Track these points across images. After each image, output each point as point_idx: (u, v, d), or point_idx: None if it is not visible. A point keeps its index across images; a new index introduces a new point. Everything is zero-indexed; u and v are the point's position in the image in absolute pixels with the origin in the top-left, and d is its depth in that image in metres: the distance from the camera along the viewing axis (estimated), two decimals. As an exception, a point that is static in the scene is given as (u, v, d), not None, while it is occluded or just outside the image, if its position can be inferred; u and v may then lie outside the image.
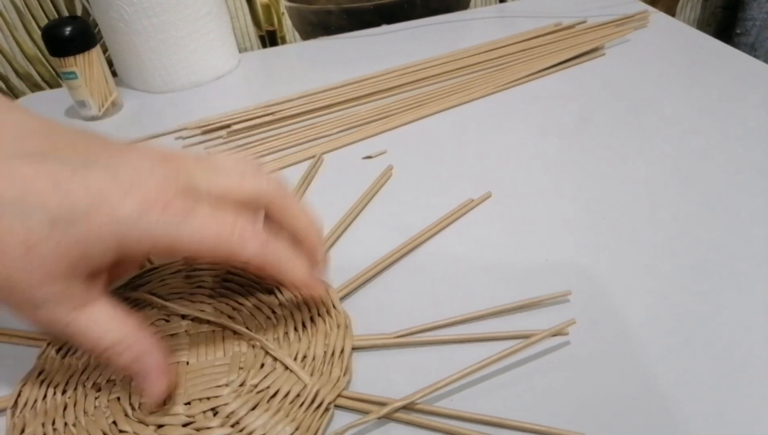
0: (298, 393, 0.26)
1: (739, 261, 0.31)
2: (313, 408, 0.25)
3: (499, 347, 0.26)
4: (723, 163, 0.38)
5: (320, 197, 0.39)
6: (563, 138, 0.42)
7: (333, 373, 0.26)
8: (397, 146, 0.44)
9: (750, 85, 0.47)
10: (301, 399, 0.25)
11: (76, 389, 0.27)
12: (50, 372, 0.28)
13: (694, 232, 0.33)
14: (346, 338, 0.28)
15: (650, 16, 0.59)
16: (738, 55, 0.51)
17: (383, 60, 0.56)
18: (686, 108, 0.45)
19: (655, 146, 0.41)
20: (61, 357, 0.28)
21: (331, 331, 0.28)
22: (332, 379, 0.26)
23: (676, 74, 0.49)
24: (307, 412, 0.25)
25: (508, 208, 0.36)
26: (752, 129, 0.41)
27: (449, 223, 0.35)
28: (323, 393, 0.26)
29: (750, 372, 0.25)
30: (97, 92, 0.51)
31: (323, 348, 0.27)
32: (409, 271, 0.32)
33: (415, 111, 0.47)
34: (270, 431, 0.24)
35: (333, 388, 0.26)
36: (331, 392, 0.26)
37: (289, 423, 0.25)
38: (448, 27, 0.63)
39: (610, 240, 0.33)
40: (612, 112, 0.45)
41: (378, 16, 0.72)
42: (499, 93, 0.49)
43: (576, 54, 0.53)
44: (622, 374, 0.26)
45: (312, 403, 0.25)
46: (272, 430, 0.24)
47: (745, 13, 1.23)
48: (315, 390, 0.26)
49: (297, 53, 0.63)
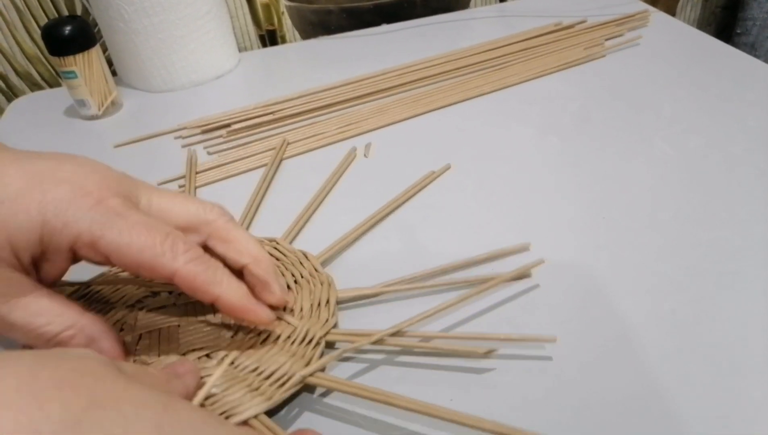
0: (289, 335, 0.27)
1: (738, 260, 0.31)
2: (305, 343, 0.26)
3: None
4: (723, 163, 0.38)
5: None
6: (563, 137, 0.42)
7: (321, 316, 0.28)
8: (397, 144, 0.44)
9: (750, 85, 0.47)
10: (292, 338, 0.27)
11: None
12: None
13: (694, 232, 0.33)
14: (330, 291, 0.29)
15: (650, 16, 0.59)
16: (738, 55, 0.51)
17: (383, 59, 0.56)
18: (686, 107, 0.45)
19: (654, 146, 0.41)
20: None
21: (315, 288, 0.30)
22: (321, 320, 0.28)
23: (676, 74, 0.49)
24: (299, 346, 0.26)
25: (508, 207, 0.36)
26: (752, 128, 0.41)
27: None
28: (313, 330, 0.27)
29: (750, 372, 0.25)
30: (97, 91, 0.51)
31: (309, 301, 0.29)
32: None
33: (415, 110, 0.47)
34: (264, 363, 0.26)
35: (322, 327, 0.27)
36: (321, 329, 0.27)
37: (283, 355, 0.26)
38: (448, 27, 0.63)
39: (609, 240, 0.33)
40: (612, 111, 0.45)
41: (378, 16, 0.72)
42: (498, 92, 0.49)
43: (576, 54, 0.53)
44: (621, 375, 0.26)
45: (303, 340, 0.27)
46: (267, 362, 0.26)
47: (745, 13, 1.23)
48: (305, 329, 0.27)
49: (297, 53, 0.63)
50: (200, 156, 0.45)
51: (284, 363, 0.25)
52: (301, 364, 0.25)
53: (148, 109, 0.53)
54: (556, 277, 0.31)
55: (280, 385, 0.25)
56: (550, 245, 0.33)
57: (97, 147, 0.48)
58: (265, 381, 0.25)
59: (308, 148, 0.44)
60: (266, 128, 0.48)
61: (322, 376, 0.25)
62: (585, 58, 0.52)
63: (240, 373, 0.25)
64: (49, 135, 0.51)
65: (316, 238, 0.35)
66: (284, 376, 0.25)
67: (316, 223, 0.36)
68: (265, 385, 0.25)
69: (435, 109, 0.47)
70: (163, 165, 0.44)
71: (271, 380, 0.25)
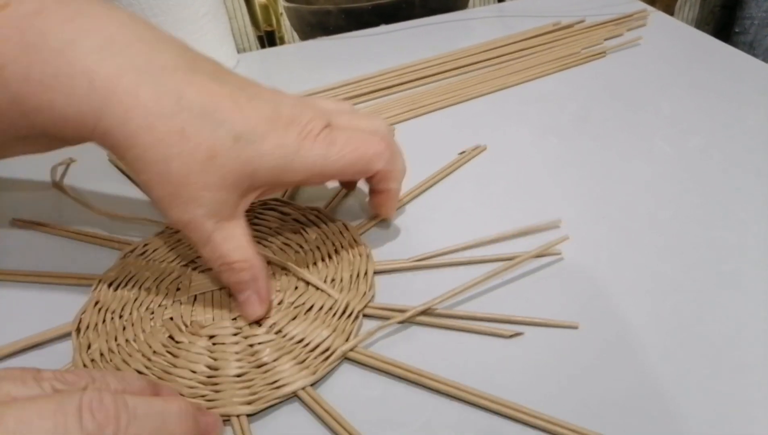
0: (330, 306, 0.29)
1: (738, 260, 0.31)
2: (345, 317, 0.29)
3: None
4: (722, 162, 0.38)
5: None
6: (562, 137, 0.42)
7: (360, 289, 0.30)
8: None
9: (749, 84, 0.47)
10: (333, 311, 0.29)
11: (132, 314, 0.30)
12: (105, 302, 0.30)
13: (694, 232, 0.33)
14: (368, 263, 0.31)
15: (649, 15, 0.59)
16: (736, 54, 0.51)
17: (382, 60, 0.55)
18: (685, 107, 0.45)
19: (653, 145, 0.41)
20: (114, 289, 0.31)
21: (354, 259, 0.32)
22: (359, 293, 0.30)
23: (674, 73, 0.49)
24: (339, 320, 0.28)
25: (506, 208, 0.36)
26: (751, 127, 0.41)
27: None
28: (353, 304, 0.29)
29: (750, 372, 0.25)
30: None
31: (349, 272, 0.31)
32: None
33: (414, 110, 0.47)
34: (309, 335, 0.28)
35: (360, 300, 0.29)
36: (359, 303, 0.29)
37: (326, 328, 0.28)
38: (446, 27, 0.63)
39: (609, 240, 0.33)
40: (611, 111, 0.45)
41: (377, 16, 0.72)
42: (497, 93, 0.49)
43: (575, 54, 0.53)
44: (621, 375, 0.26)
45: (343, 313, 0.29)
46: (311, 334, 0.28)
47: (743, 12, 1.24)
48: (345, 302, 0.29)
49: (295, 54, 0.63)
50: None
51: (327, 337, 0.28)
52: (341, 339, 0.28)
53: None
54: (556, 275, 0.31)
55: (324, 359, 0.27)
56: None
57: (95, 151, 0.48)
58: (310, 354, 0.27)
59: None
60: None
61: (360, 351, 0.27)
62: (584, 58, 0.52)
63: (287, 343, 0.28)
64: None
65: (355, 211, 0.37)
66: (327, 350, 0.27)
67: (354, 197, 0.38)
68: (309, 358, 0.27)
69: (434, 109, 0.47)
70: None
71: (315, 353, 0.27)
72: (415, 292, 0.30)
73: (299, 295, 0.30)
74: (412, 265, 0.32)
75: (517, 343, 0.28)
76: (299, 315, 0.29)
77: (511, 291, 0.30)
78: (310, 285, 0.30)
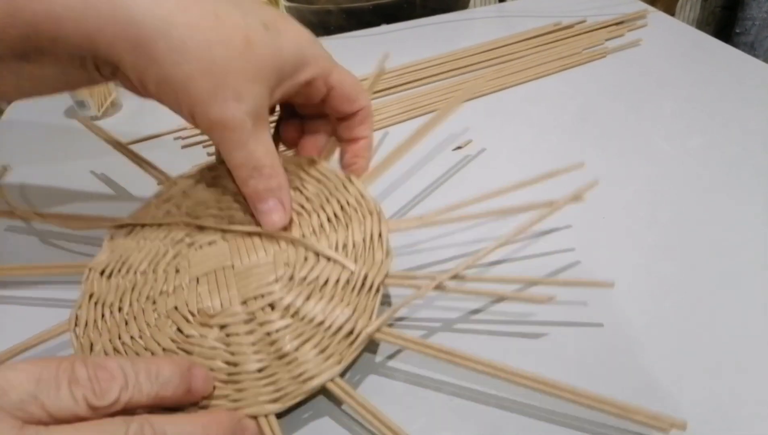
0: (347, 279, 0.26)
1: (738, 260, 0.31)
2: (365, 291, 0.26)
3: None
4: (722, 163, 0.38)
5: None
6: (562, 138, 0.42)
7: (376, 257, 0.27)
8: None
9: (749, 85, 0.47)
10: (351, 284, 0.26)
11: (132, 305, 0.27)
12: (100, 294, 0.28)
13: (694, 232, 0.33)
14: (381, 223, 0.28)
15: (649, 16, 0.59)
16: (737, 55, 0.51)
17: (383, 60, 0.55)
18: (685, 107, 0.45)
19: (654, 145, 0.41)
20: (107, 278, 0.28)
21: (365, 219, 0.28)
22: (376, 262, 0.26)
23: (675, 74, 0.49)
24: (360, 295, 0.25)
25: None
26: (751, 128, 0.41)
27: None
28: (371, 276, 0.26)
29: (750, 372, 0.25)
30: (97, 92, 0.51)
31: (361, 235, 0.27)
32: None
33: (414, 110, 0.47)
34: (329, 316, 0.25)
35: (379, 270, 0.26)
36: (378, 274, 0.26)
37: (346, 306, 0.25)
38: (447, 27, 0.63)
39: (609, 240, 0.33)
40: (611, 111, 0.45)
41: (377, 16, 0.72)
42: (498, 93, 0.49)
43: (576, 54, 0.53)
44: (621, 375, 0.26)
45: (362, 286, 0.26)
46: (331, 314, 0.25)
47: (744, 13, 1.23)
48: (363, 274, 0.26)
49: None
50: (200, 157, 0.45)
51: (349, 317, 0.25)
52: (365, 318, 0.25)
53: (148, 110, 0.53)
54: (552, 269, 0.31)
55: (349, 343, 0.24)
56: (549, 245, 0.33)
57: (96, 148, 0.48)
58: (333, 338, 0.24)
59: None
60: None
61: (386, 331, 0.25)
62: (585, 58, 0.52)
63: (306, 327, 0.25)
64: (48, 136, 0.50)
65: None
66: (351, 333, 0.25)
67: None
68: (333, 343, 0.24)
69: (435, 110, 0.47)
70: (162, 166, 0.44)
71: (338, 338, 0.24)
72: (430, 256, 0.28)
73: (311, 267, 0.26)
74: (429, 220, 0.28)
75: (536, 340, 0.27)
76: (314, 292, 0.26)
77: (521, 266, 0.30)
78: (320, 255, 0.27)
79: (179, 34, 0.22)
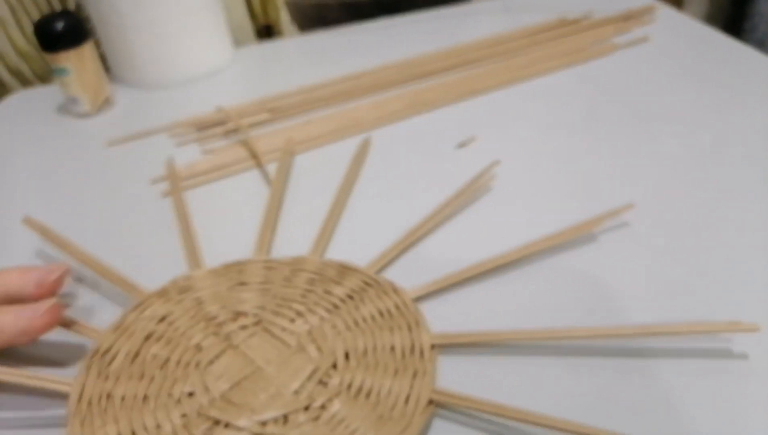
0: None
1: (747, 260, 0.30)
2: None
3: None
4: (732, 160, 0.37)
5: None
6: (568, 134, 0.41)
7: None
8: (399, 141, 0.43)
9: (758, 81, 0.46)
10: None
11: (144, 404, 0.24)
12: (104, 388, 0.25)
13: (703, 231, 0.32)
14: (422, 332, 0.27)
15: (657, 11, 0.58)
16: (746, 51, 0.50)
17: (383, 54, 0.54)
18: (693, 104, 0.44)
19: (662, 143, 0.40)
20: (109, 363, 0.26)
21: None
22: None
23: (683, 70, 0.48)
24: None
25: (511, 205, 0.35)
26: (761, 125, 0.40)
27: (451, 212, 0.34)
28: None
29: (752, 373, 0.24)
30: (90, 88, 0.50)
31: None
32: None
33: (416, 106, 0.46)
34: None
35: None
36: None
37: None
38: (449, 20, 0.62)
39: (615, 238, 0.32)
40: (618, 108, 0.44)
41: (377, 9, 0.71)
42: (502, 88, 0.48)
43: (582, 50, 0.52)
44: (621, 376, 0.25)
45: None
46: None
47: (753, 9, 1.22)
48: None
49: (294, 47, 0.62)
50: (194, 154, 0.44)
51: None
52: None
53: (142, 107, 0.52)
54: (557, 273, 0.30)
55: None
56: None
57: (89, 145, 0.47)
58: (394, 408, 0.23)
59: (309, 147, 0.43)
60: (263, 124, 0.47)
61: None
62: (591, 55, 0.51)
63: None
64: (40, 133, 0.50)
65: (352, 248, 0.32)
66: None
67: (344, 229, 0.35)
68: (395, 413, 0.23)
69: (437, 106, 0.46)
70: (156, 163, 0.43)
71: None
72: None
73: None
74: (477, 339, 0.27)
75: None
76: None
77: (524, 298, 0.29)
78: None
79: None
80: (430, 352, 0.26)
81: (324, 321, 0.28)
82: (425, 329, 0.27)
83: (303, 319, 0.28)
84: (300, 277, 0.30)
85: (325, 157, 0.42)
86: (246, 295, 0.29)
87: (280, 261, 0.32)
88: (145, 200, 0.39)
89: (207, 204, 0.38)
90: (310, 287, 0.30)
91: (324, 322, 0.28)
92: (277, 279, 0.30)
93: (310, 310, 0.28)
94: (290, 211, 0.37)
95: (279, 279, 0.30)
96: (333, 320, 0.28)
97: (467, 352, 0.27)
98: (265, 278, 0.30)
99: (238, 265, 0.31)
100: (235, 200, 0.39)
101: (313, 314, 0.28)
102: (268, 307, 0.29)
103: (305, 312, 0.28)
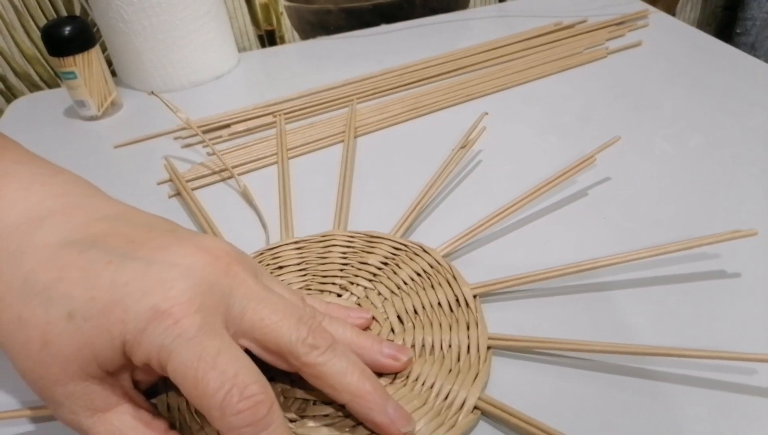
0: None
1: (739, 260, 0.31)
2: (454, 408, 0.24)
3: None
4: (723, 162, 0.38)
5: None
6: (563, 138, 0.42)
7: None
8: (398, 146, 0.44)
9: (750, 85, 0.46)
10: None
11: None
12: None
13: (695, 232, 0.33)
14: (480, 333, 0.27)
15: (650, 16, 0.59)
16: (738, 55, 0.51)
17: (383, 60, 0.55)
18: (686, 107, 0.44)
19: (655, 145, 0.40)
20: None
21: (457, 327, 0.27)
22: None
23: (676, 74, 0.49)
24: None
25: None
26: (752, 128, 0.41)
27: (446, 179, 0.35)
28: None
29: (751, 373, 0.25)
30: (97, 92, 0.51)
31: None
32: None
33: (415, 110, 0.47)
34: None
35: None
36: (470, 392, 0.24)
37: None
38: (447, 27, 0.63)
39: (610, 240, 0.33)
40: (612, 111, 0.45)
41: (377, 16, 0.72)
42: (498, 93, 0.49)
43: (577, 55, 0.53)
44: (621, 376, 0.26)
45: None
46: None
47: (745, 13, 1.23)
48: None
49: (296, 53, 0.63)
50: (200, 157, 0.45)
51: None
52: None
53: (148, 110, 0.53)
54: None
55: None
56: (552, 243, 0.33)
57: (96, 148, 0.48)
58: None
59: (310, 150, 0.44)
60: (266, 128, 0.48)
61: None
62: (585, 58, 0.52)
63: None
64: (48, 136, 0.50)
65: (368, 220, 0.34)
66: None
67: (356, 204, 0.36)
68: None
69: (435, 110, 0.47)
70: (162, 165, 0.44)
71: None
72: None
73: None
74: (530, 345, 0.26)
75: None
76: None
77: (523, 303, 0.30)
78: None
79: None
80: (474, 302, 0.27)
81: (369, 290, 0.29)
82: (464, 281, 0.28)
83: (348, 292, 0.29)
84: (333, 253, 0.32)
85: (323, 158, 0.43)
86: (287, 278, 0.31)
87: (310, 239, 0.33)
88: (151, 201, 0.40)
89: (214, 203, 0.39)
90: (345, 261, 0.31)
91: (369, 292, 0.29)
92: (312, 258, 0.32)
93: (351, 283, 0.30)
94: (300, 198, 0.38)
95: (313, 257, 0.32)
96: (377, 288, 0.29)
97: (509, 298, 0.29)
98: (300, 259, 0.32)
99: (271, 251, 0.32)
100: (236, 200, 0.40)
101: (357, 286, 0.29)
102: (312, 286, 0.30)
103: (348, 285, 0.30)
